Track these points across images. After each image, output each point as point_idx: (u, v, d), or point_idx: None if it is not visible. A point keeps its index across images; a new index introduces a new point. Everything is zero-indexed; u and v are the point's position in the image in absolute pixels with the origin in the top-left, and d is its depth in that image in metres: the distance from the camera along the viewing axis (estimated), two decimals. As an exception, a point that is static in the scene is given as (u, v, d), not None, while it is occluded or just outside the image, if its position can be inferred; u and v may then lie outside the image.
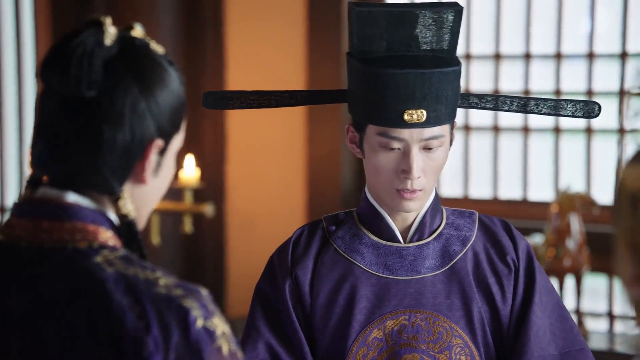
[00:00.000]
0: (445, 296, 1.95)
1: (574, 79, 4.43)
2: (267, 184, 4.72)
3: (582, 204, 3.85)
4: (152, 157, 1.38)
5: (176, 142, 1.42)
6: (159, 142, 1.38)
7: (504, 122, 4.57)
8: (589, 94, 4.38)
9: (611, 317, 4.19)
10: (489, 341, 1.96)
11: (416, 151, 1.89)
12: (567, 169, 4.48)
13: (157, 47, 1.40)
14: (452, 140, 1.95)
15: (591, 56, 4.39)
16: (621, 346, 3.88)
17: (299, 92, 2.01)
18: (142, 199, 1.40)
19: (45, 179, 1.39)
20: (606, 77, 4.36)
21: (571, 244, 3.86)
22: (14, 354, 1.31)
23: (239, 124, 4.73)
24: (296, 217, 4.53)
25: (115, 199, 1.36)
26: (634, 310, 1.36)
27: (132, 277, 1.31)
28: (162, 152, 1.39)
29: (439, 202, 2.02)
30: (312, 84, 4.54)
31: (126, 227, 1.37)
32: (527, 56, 4.52)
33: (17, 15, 4.53)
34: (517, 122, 4.54)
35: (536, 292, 1.98)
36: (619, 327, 4.15)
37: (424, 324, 1.94)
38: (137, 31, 1.39)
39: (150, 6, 4.61)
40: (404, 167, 1.89)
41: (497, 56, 4.57)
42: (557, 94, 4.45)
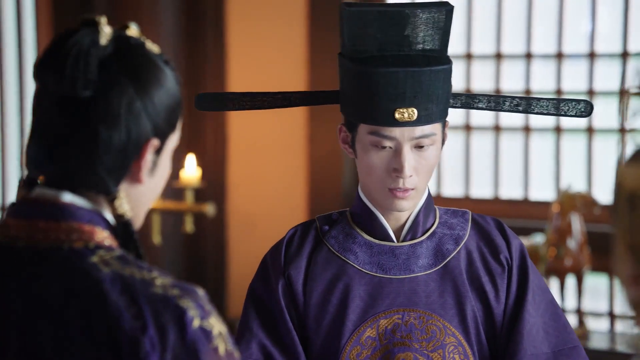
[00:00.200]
0: (438, 295, 1.96)
1: (575, 78, 4.43)
2: (268, 184, 4.72)
3: (583, 203, 3.85)
4: (148, 157, 1.38)
5: (172, 142, 1.42)
6: (155, 142, 1.38)
7: (505, 121, 4.56)
8: (590, 93, 4.38)
9: (612, 316, 4.19)
10: (483, 340, 1.96)
11: (408, 150, 1.89)
12: (568, 169, 4.47)
13: (152, 46, 1.39)
14: (444, 139, 1.95)
15: (592, 56, 4.38)
16: (622, 346, 3.88)
17: (291, 94, 2.01)
18: (138, 199, 1.40)
19: (41, 179, 1.39)
20: (607, 77, 4.36)
21: (572, 243, 3.86)
22: (11, 354, 1.30)
23: (240, 124, 4.73)
24: (297, 217, 4.52)
25: (111, 199, 1.36)
26: (633, 309, 1.36)
27: (128, 277, 1.30)
28: (158, 151, 1.39)
29: (431, 201, 2.02)
30: (313, 84, 4.54)
31: (122, 227, 1.37)
32: (528, 56, 4.51)
33: (19, 15, 4.53)
34: (519, 121, 4.54)
35: (529, 290, 1.98)
36: (620, 326, 4.15)
37: (418, 323, 1.94)
38: (133, 31, 1.39)
39: (151, 6, 4.61)
40: (395, 166, 1.90)
41: (498, 56, 4.57)
42: (558, 93, 4.45)
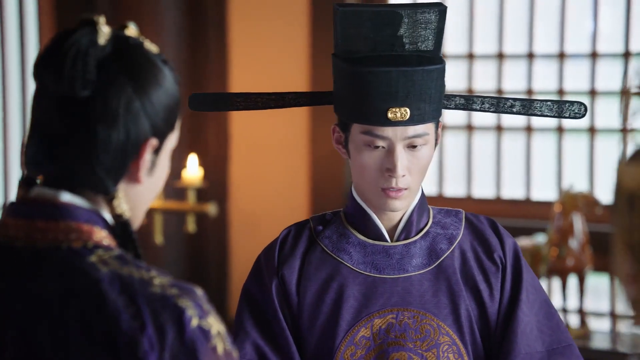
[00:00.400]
0: (432, 294, 1.96)
1: (577, 78, 4.43)
2: (270, 184, 4.72)
3: (585, 203, 3.84)
4: (147, 157, 1.38)
5: (171, 141, 1.42)
6: (153, 142, 1.38)
7: (507, 121, 4.56)
8: (592, 93, 4.38)
9: (614, 316, 4.19)
10: (477, 339, 1.96)
11: (400, 149, 1.90)
12: (570, 169, 4.47)
13: (151, 46, 1.40)
14: (437, 139, 1.96)
15: (594, 56, 4.38)
16: (624, 346, 3.87)
17: (285, 94, 2.01)
18: (136, 199, 1.40)
19: (40, 178, 1.39)
20: (609, 77, 4.35)
21: (574, 243, 3.86)
22: (10, 354, 1.31)
23: (242, 123, 4.73)
24: (299, 217, 4.51)
25: (109, 199, 1.36)
26: (632, 308, 1.36)
27: (126, 277, 1.31)
28: (156, 151, 1.39)
29: (425, 201, 2.02)
30: (314, 83, 4.54)
31: (121, 227, 1.37)
32: (530, 56, 4.51)
33: (21, 15, 4.53)
34: (521, 121, 4.53)
35: (523, 289, 1.98)
36: (622, 326, 4.14)
37: (412, 322, 1.94)
38: (131, 30, 1.39)
39: (153, 6, 4.61)
40: (388, 166, 1.90)
41: (500, 55, 4.56)
42: (560, 93, 4.44)
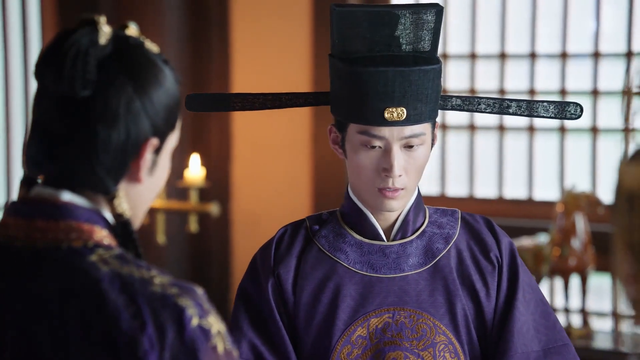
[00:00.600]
0: (428, 294, 1.96)
1: (579, 78, 4.43)
2: (273, 184, 4.72)
3: (588, 203, 3.84)
4: (148, 156, 1.38)
5: (171, 141, 1.42)
6: (154, 141, 1.38)
7: (509, 121, 4.56)
8: (595, 93, 4.37)
9: (616, 316, 4.18)
10: (473, 338, 1.96)
11: (397, 149, 1.90)
12: (573, 169, 4.47)
13: (151, 46, 1.40)
14: (434, 140, 1.96)
15: (597, 55, 4.38)
16: (626, 346, 3.87)
17: (282, 95, 2.02)
18: (137, 198, 1.40)
19: (41, 178, 1.39)
20: (611, 77, 4.35)
21: (576, 243, 3.86)
22: (9, 354, 1.31)
23: (245, 123, 4.73)
24: (301, 217, 4.51)
25: (110, 198, 1.36)
26: (632, 308, 1.36)
27: (127, 276, 1.31)
28: (157, 151, 1.39)
29: (421, 201, 2.02)
30: (317, 83, 4.54)
31: (121, 226, 1.37)
32: (533, 55, 4.51)
33: (24, 15, 4.53)
34: (523, 121, 4.53)
35: (519, 288, 1.98)
36: (623, 326, 4.14)
37: (408, 322, 1.94)
38: (132, 30, 1.39)
39: (155, 6, 4.61)
40: (385, 166, 1.90)
41: (502, 55, 4.56)
42: (563, 93, 4.44)
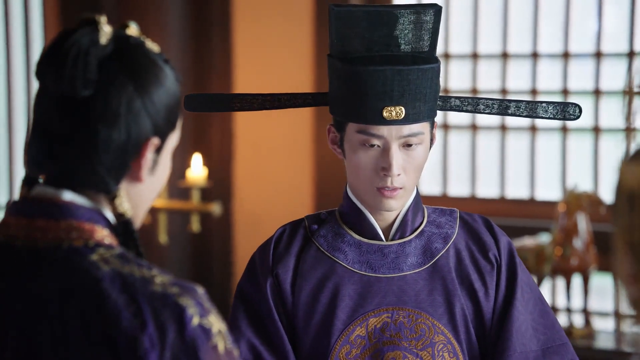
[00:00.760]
0: (427, 293, 1.96)
1: (581, 78, 4.42)
2: (275, 183, 4.72)
3: (590, 203, 3.84)
4: (148, 156, 1.38)
5: (172, 141, 1.42)
6: (155, 141, 1.38)
7: (511, 121, 4.56)
8: (597, 93, 4.37)
9: (618, 316, 4.18)
10: (472, 337, 1.97)
11: (396, 148, 1.90)
12: (575, 168, 4.47)
13: (152, 45, 1.40)
14: (432, 139, 1.96)
15: (599, 55, 4.38)
16: (628, 345, 3.87)
17: (281, 95, 2.02)
18: (138, 198, 1.40)
19: (42, 177, 1.39)
20: (614, 77, 4.35)
21: (578, 243, 3.86)
22: (9, 354, 1.31)
23: (247, 123, 4.74)
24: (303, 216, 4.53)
25: (111, 198, 1.36)
26: (633, 308, 1.36)
27: (128, 276, 1.31)
28: (158, 150, 1.40)
29: (420, 201, 2.02)
30: (319, 83, 4.54)
31: (122, 226, 1.37)
32: (535, 55, 4.51)
33: (26, 16, 4.54)
34: (525, 121, 4.53)
35: (518, 288, 1.99)
36: (623, 326, 4.14)
37: (407, 322, 1.94)
38: (132, 30, 1.39)
39: (157, 6, 4.62)
40: (383, 165, 1.90)
41: (504, 55, 4.56)
42: (564, 93, 4.44)
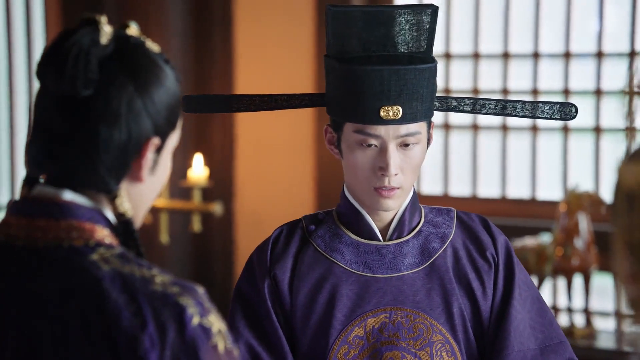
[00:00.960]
0: (425, 293, 1.96)
1: (582, 78, 4.43)
2: (276, 183, 4.73)
3: (591, 203, 3.84)
4: (149, 156, 1.38)
5: (173, 140, 1.42)
6: (155, 141, 1.38)
7: (512, 121, 4.56)
8: (598, 93, 4.38)
9: (619, 316, 4.18)
10: (470, 337, 1.97)
11: (393, 148, 1.90)
12: (576, 168, 4.47)
13: (152, 45, 1.40)
14: (429, 139, 1.96)
15: (600, 55, 4.38)
16: (629, 345, 3.87)
17: (278, 96, 2.02)
18: (138, 198, 1.40)
19: (43, 177, 1.39)
20: (615, 76, 4.35)
21: (579, 243, 3.86)
22: (9, 354, 1.31)
23: (248, 123, 4.74)
24: (304, 216, 4.53)
25: (112, 198, 1.37)
26: (632, 307, 1.36)
27: (128, 275, 1.31)
28: (158, 150, 1.40)
29: (417, 200, 2.02)
30: (320, 83, 4.55)
31: (123, 225, 1.37)
32: (536, 55, 4.51)
33: (28, 16, 4.54)
34: (526, 121, 4.53)
35: (515, 287, 1.99)
36: (623, 325, 4.14)
37: (405, 322, 1.95)
38: (133, 30, 1.40)
39: (159, 7, 4.62)
40: (381, 164, 1.90)
41: (505, 55, 4.56)
42: (565, 93, 4.45)
